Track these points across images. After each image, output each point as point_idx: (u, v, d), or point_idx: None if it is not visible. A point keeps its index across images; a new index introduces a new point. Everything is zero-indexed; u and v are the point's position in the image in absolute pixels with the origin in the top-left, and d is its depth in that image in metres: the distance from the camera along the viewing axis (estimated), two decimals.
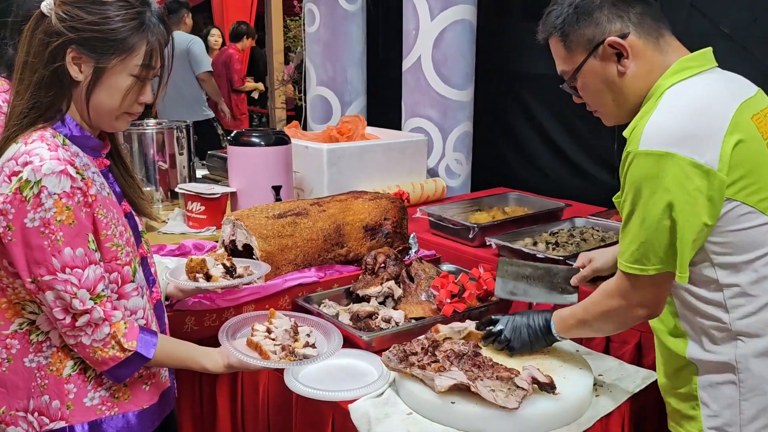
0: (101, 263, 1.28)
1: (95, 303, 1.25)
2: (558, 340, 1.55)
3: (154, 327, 1.44)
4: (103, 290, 1.27)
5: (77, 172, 1.24)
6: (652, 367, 1.70)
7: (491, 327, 1.60)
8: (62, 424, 1.31)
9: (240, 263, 1.78)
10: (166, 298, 1.70)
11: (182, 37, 5.48)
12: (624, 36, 1.32)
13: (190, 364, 1.40)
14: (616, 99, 1.37)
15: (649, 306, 1.34)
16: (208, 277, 1.67)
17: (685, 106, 1.26)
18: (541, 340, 1.55)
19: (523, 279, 1.76)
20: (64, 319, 1.24)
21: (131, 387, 1.38)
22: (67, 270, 1.22)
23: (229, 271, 1.71)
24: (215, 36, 6.88)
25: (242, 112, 6.81)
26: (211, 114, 5.88)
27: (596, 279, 1.70)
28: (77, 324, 1.25)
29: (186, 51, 5.44)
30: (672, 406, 1.42)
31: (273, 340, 1.45)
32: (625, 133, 1.33)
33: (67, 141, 1.29)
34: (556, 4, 1.39)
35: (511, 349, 1.56)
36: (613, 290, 1.37)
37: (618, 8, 1.33)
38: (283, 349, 1.42)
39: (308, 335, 1.52)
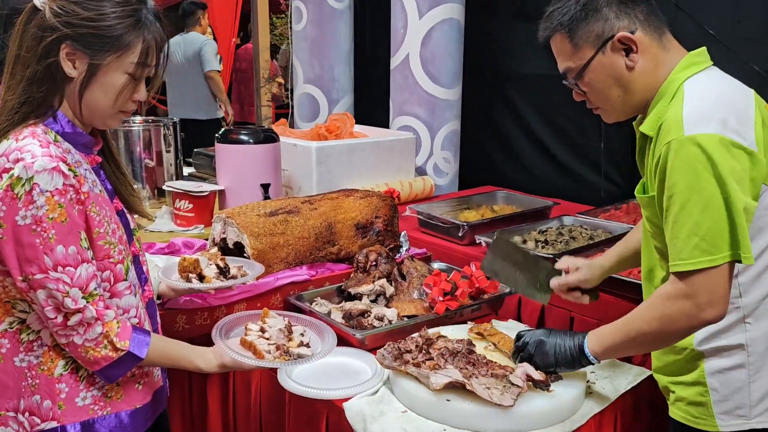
0: (94, 261, 1.27)
1: (87, 302, 1.24)
2: (593, 363, 1.40)
3: (147, 326, 1.43)
4: (95, 289, 1.25)
5: (69, 169, 1.22)
6: (642, 364, 1.72)
7: (518, 342, 1.51)
8: (54, 424, 1.29)
9: (233, 263, 1.77)
10: (158, 297, 1.68)
11: (197, 38, 5.52)
12: (632, 32, 1.33)
13: (183, 364, 1.38)
14: (623, 94, 1.37)
15: (719, 305, 1.22)
16: (201, 278, 1.66)
17: (714, 93, 1.28)
18: (571, 363, 1.42)
19: (512, 262, 1.71)
20: (56, 318, 1.23)
21: (124, 386, 1.37)
22: (59, 268, 1.20)
23: (223, 272, 1.70)
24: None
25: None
26: (221, 114, 5.87)
27: (573, 289, 1.67)
28: (69, 323, 1.23)
29: (198, 51, 5.45)
30: (677, 394, 1.40)
31: (267, 339, 1.44)
32: (646, 129, 1.33)
33: (58, 137, 1.27)
34: (559, 2, 1.38)
35: (534, 364, 1.45)
36: (674, 294, 1.25)
37: (626, 5, 1.34)
38: (277, 348, 1.41)
39: (302, 334, 1.51)
